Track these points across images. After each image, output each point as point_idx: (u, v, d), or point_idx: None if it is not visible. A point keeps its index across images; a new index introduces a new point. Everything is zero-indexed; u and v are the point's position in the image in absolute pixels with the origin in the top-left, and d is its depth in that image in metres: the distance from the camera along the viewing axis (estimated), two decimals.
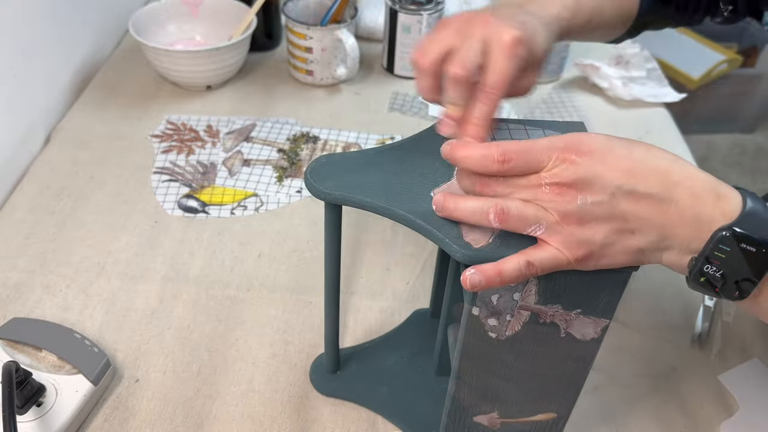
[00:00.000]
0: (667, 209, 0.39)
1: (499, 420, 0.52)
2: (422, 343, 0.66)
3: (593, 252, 0.40)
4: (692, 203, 0.39)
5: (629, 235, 0.40)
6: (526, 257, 0.40)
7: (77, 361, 0.59)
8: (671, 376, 0.66)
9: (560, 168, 0.40)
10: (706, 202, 0.39)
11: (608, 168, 0.39)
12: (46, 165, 0.85)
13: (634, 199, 0.39)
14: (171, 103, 0.97)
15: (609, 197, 0.39)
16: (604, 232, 0.40)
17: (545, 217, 0.40)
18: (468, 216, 0.41)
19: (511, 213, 0.40)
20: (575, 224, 0.40)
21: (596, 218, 0.39)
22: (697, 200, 0.39)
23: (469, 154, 0.41)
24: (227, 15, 1.02)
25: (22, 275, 0.71)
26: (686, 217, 0.39)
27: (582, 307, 0.44)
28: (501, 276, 0.40)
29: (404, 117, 0.97)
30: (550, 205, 0.40)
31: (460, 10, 1.13)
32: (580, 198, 0.39)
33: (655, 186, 0.39)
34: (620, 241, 0.40)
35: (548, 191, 0.40)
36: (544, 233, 0.40)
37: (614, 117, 0.99)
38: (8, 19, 0.81)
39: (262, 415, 0.60)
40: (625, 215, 0.40)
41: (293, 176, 0.86)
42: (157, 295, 0.70)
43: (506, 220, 0.40)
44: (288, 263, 0.74)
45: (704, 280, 0.40)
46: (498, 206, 0.40)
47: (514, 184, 0.41)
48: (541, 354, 0.47)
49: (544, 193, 0.40)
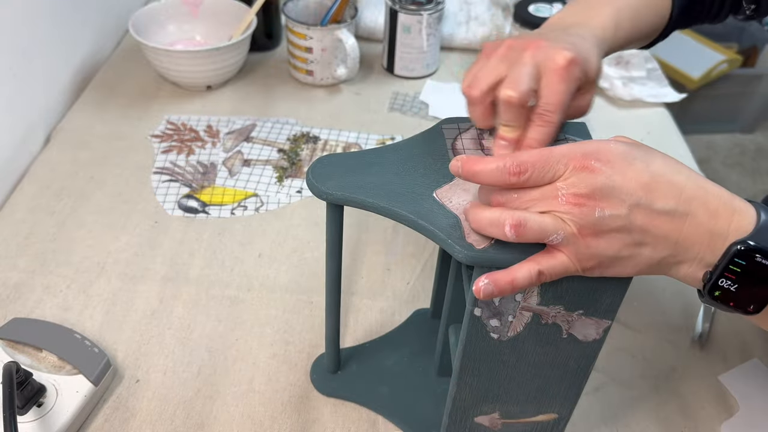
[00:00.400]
0: (682, 225, 0.39)
1: (500, 421, 0.52)
2: (423, 344, 0.66)
3: (602, 263, 0.40)
4: (707, 218, 0.39)
5: (641, 248, 0.40)
6: (538, 266, 0.40)
7: (77, 361, 0.59)
8: (672, 377, 0.66)
9: (578, 178, 0.39)
10: (721, 217, 0.39)
11: (627, 180, 0.39)
12: (46, 165, 0.85)
13: (651, 214, 0.39)
14: (171, 103, 0.97)
15: (627, 211, 0.39)
16: (617, 245, 0.39)
17: (564, 228, 0.39)
18: (485, 227, 0.40)
19: (528, 225, 0.39)
20: (591, 236, 0.39)
21: (612, 231, 0.39)
22: (712, 215, 0.39)
23: (483, 168, 0.41)
24: (227, 15, 1.02)
25: (22, 275, 0.71)
26: (701, 232, 0.39)
27: (584, 309, 0.44)
28: (513, 285, 0.40)
29: (404, 117, 0.97)
30: (567, 216, 0.39)
31: (460, 9, 1.13)
32: (598, 210, 0.39)
33: (671, 202, 0.39)
34: (632, 255, 0.40)
35: (565, 202, 0.39)
36: (561, 243, 0.40)
37: (614, 117, 0.99)
38: (8, 19, 0.80)
39: (262, 415, 0.60)
40: (640, 230, 0.39)
41: (293, 176, 0.86)
42: (157, 295, 0.70)
43: (523, 234, 0.39)
44: (288, 263, 0.74)
45: (719, 294, 0.40)
46: (515, 218, 0.39)
47: (530, 196, 0.40)
48: (542, 355, 0.47)
49: (560, 204, 0.39)
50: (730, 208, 0.40)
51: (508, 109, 0.46)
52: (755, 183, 2.14)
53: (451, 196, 0.44)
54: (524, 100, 0.45)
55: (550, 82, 0.45)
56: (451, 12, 1.12)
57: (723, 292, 0.40)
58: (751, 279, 0.39)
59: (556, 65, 0.45)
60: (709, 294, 0.40)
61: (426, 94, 1.02)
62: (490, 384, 0.49)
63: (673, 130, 0.98)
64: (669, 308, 0.72)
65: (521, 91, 0.45)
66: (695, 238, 0.40)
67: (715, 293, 0.40)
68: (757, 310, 0.40)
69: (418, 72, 1.04)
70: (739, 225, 0.39)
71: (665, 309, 0.72)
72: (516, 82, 0.45)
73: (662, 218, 0.39)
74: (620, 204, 0.39)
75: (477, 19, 1.12)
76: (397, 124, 0.96)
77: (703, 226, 0.39)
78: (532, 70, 0.46)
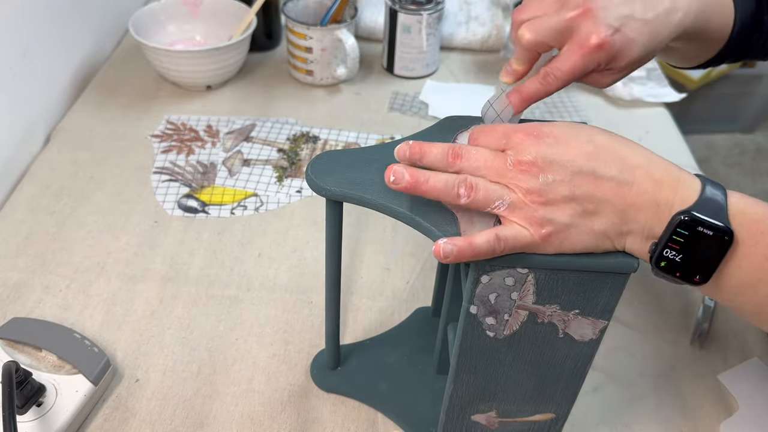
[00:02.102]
0: (627, 192, 0.40)
1: (497, 419, 0.52)
2: (423, 342, 0.66)
3: (557, 231, 0.41)
4: (652, 187, 0.40)
5: (591, 216, 0.41)
6: (495, 231, 0.41)
7: (77, 361, 0.59)
8: (671, 376, 0.66)
9: (523, 146, 0.41)
10: (665, 187, 0.40)
11: (570, 150, 0.41)
12: (46, 165, 0.85)
13: (594, 180, 0.40)
14: (171, 103, 0.97)
15: (570, 176, 0.40)
16: (566, 212, 0.41)
17: (508, 194, 0.41)
18: (439, 189, 0.42)
19: (478, 188, 0.41)
20: (538, 202, 0.41)
21: (558, 198, 0.40)
22: (656, 184, 0.40)
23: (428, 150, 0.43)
24: (227, 15, 1.02)
25: (22, 275, 0.71)
26: (645, 200, 0.40)
27: (580, 308, 0.44)
28: (472, 247, 0.40)
29: (404, 117, 0.97)
30: (512, 182, 0.41)
31: (460, 9, 1.13)
32: (542, 176, 0.40)
33: (614, 169, 0.40)
34: (582, 222, 0.41)
35: (512, 169, 0.41)
36: (506, 209, 0.41)
37: (614, 117, 0.99)
38: (8, 19, 0.81)
39: (262, 414, 0.60)
40: (586, 196, 0.40)
41: (293, 176, 0.86)
42: (157, 295, 0.70)
43: (474, 197, 0.41)
44: (288, 263, 0.74)
45: (665, 264, 0.41)
46: (468, 181, 0.41)
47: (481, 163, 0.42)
48: (539, 354, 0.47)
49: (509, 171, 0.41)
50: (675, 178, 0.41)
51: (518, 46, 0.48)
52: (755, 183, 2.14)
53: None
54: (532, 48, 0.47)
55: (570, 52, 0.46)
56: (451, 12, 1.12)
57: (668, 263, 0.41)
58: (695, 249, 0.40)
59: (583, 40, 0.45)
60: (655, 265, 0.41)
61: (426, 94, 1.02)
62: (487, 382, 0.49)
63: (672, 130, 0.98)
64: (669, 308, 0.72)
65: (533, 40, 0.46)
66: (640, 206, 0.40)
67: (660, 263, 0.41)
68: (704, 280, 0.41)
69: (417, 72, 1.05)
70: (684, 196, 0.40)
71: (665, 308, 0.72)
72: (537, 30, 0.46)
73: (606, 184, 0.40)
74: (563, 170, 0.40)
75: (477, 19, 1.12)
76: (397, 124, 0.96)
77: (648, 194, 0.40)
78: (562, 28, 0.46)
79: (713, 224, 0.39)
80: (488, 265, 0.42)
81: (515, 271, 0.42)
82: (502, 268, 0.42)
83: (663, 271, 0.41)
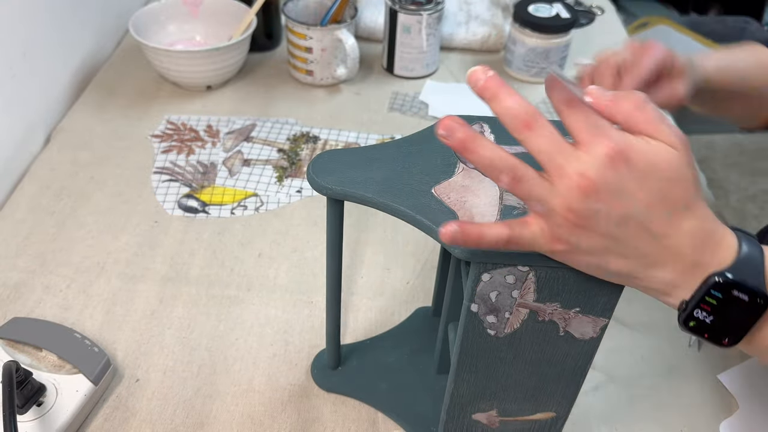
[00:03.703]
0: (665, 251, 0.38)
1: (498, 418, 0.52)
2: (424, 341, 0.66)
3: (569, 251, 0.39)
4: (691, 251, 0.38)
5: (613, 257, 0.38)
6: (508, 230, 0.38)
7: (77, 360, 0.59)
8: (671, 376, 0.66)
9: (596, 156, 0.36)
10: (706, 251, 0.38)
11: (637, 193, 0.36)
12: (46, 165, 0.85)
13: (641, 232, 0.37)
14: (171, 103, 0.97)
15: (620, 218, 0.37)
16: (591, 242, 0.38)
17: (551, 200, 0.37)
18: (483, 164, 0.37)
19: (522, 180, 0.37)
20: (572, 222, 0.37)
21: (593, 229, 0.37)
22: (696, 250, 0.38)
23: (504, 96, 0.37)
24: (227, 15, 1.02)
25: (22, 275, 0.71)
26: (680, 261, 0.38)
27: (581, 306, 0.44)
28: (480, 239, 0.38)
29: (404, 117, 0.97)
30: (562, 188, 0.36)
31: (460, 9, 1.13)
32: (593, 201, 0.36)
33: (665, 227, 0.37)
34: (600, 257, 0.39)
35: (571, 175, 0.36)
36: (541, 212, 0.38)
37: None
38: (8, 19, 0.81)
39: (262, 414, 0.60)
40: (624, 241, 0.38)
41: (293, 176, 0.86)
42: (157, 295, 0.70)
43: (515, 187, 0.37)
44: (288, 263, 0.74)
45: (694, 325, 0.39)
46: (516, 172, 0.37)
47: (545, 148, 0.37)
48: (539, 352, 0.47)
49: (566, 176, 0.36)
50: (716, 240, 0.39)
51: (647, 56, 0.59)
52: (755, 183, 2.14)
53: (449, 192, 0.45)
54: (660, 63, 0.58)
55: None
56: (450, 12, 1.12)
57: (698, 323, 0.39)
58: (728, 312, 0.38)
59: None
60: (684, 324, 0.40)
61: (426, 94, 1.02)
62: (488, 381, 0.49)
63: None
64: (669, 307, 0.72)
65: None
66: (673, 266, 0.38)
67: (690, 323, 0.39)
68: (732, 342, 0.40)
69: (417, 72, 1.05)
70: (722, 256, 0.38)
71: (665, 308, 0.71)
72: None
73: (651, 241, 0.38)
74: (618, 207, 0.36)
75: (477, 19, 1.12)
76: (397, 124, 0.96)
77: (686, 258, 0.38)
78: None
79: (750, 289, 0.37)
80: (489, 263, 0.42)
81: (516, 269, 0.42)
82: (503, 266, 0.42)
83: (691, 331, 0.40)
